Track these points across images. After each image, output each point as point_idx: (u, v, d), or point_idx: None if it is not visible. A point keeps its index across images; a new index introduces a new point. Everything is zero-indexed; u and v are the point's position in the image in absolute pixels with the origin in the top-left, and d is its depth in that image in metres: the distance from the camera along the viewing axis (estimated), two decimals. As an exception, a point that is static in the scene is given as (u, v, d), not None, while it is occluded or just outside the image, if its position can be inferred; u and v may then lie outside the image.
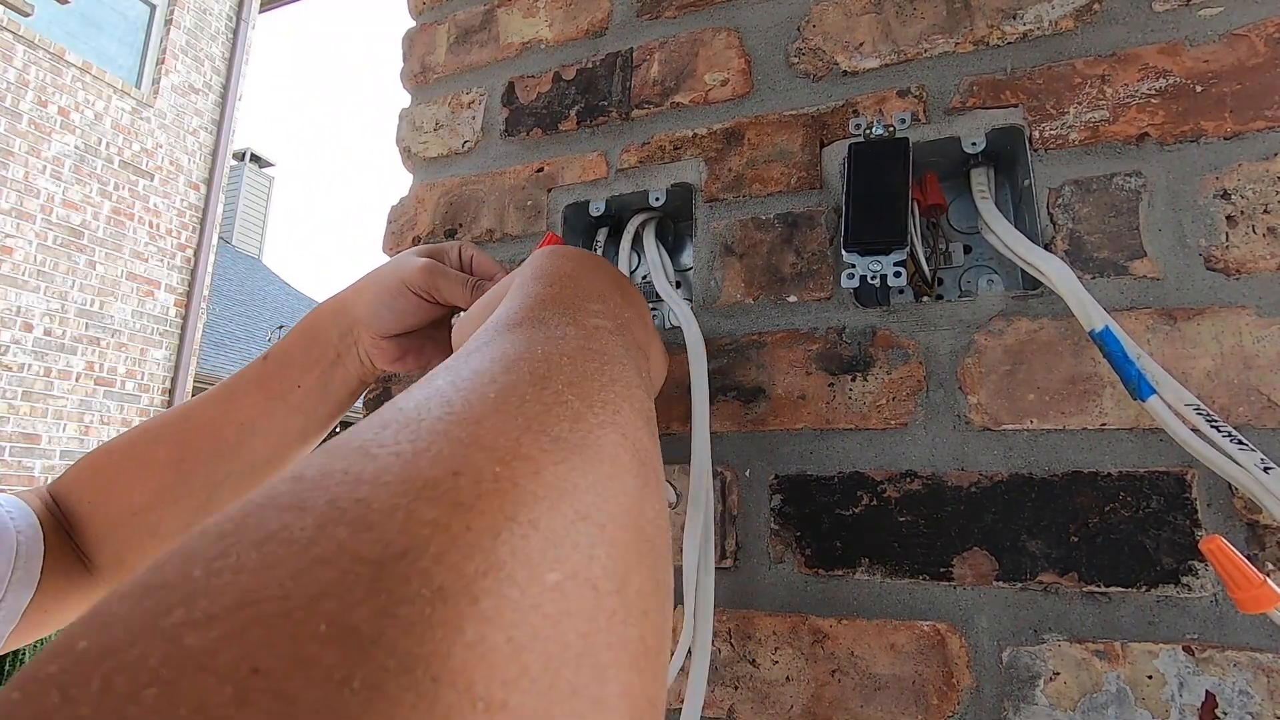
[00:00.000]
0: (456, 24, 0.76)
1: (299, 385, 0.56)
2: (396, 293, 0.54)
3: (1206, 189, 0.46)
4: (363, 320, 0.56)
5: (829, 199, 0.56)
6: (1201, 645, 0.40)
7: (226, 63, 6.84)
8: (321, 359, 0.57)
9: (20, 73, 5.32)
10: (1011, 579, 0.45)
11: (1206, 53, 0.48)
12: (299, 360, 0.57)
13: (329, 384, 0.57)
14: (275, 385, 0.56)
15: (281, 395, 0.56)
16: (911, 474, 0.48)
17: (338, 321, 0.57)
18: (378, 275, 0.56)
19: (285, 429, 0.57)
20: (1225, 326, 0.44)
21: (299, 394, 0.56)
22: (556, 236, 0.59)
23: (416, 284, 0.53)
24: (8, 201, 5.16)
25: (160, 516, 0.54)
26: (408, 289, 0.54)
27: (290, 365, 0.57)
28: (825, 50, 0.58)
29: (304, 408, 0.57)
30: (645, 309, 0.43)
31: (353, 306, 0.56)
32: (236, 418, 0.56)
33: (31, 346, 5.24)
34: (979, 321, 0.49)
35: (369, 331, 0.56)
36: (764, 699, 0.48)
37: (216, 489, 0.56)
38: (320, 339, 0.57)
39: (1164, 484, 0.43)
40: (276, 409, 0.56)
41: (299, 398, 0.56)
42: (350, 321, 0.56)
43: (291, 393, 0.56)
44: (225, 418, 0.56)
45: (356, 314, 0.56)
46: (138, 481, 0.54)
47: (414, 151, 0.75)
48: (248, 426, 0.56)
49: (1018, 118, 0.51)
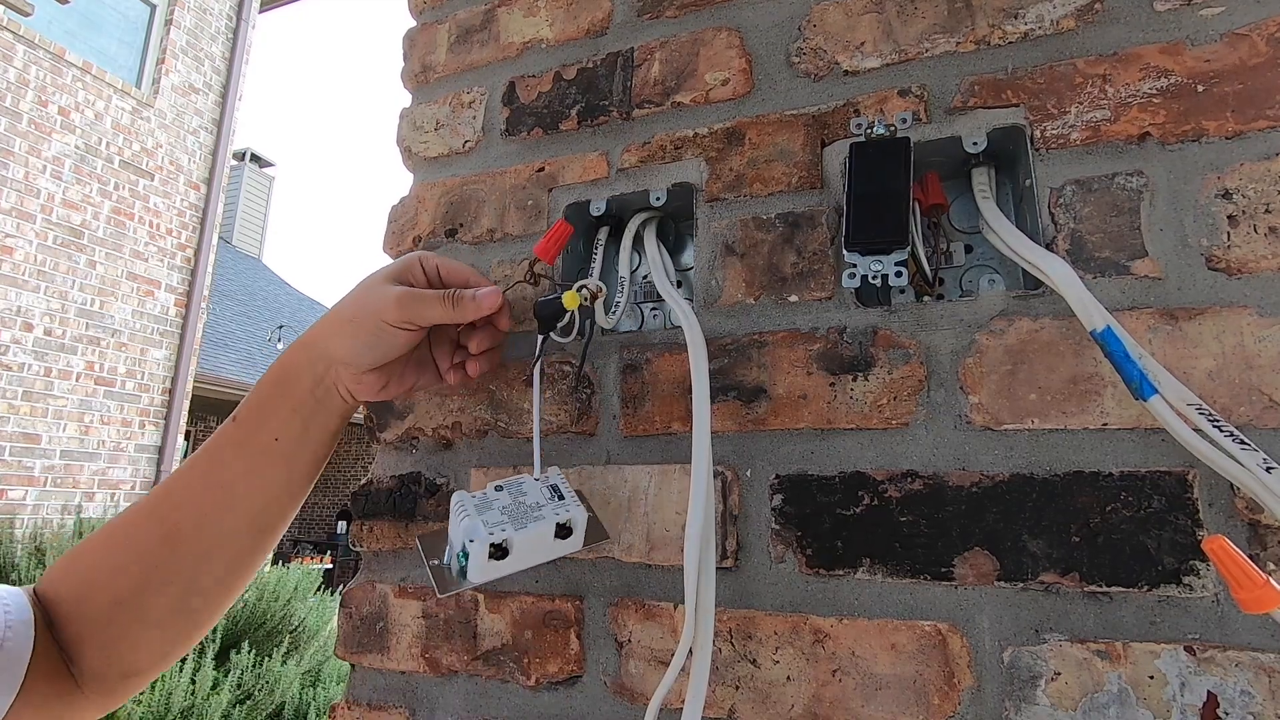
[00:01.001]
0: (457, 24, 0.76)
1: (276, 438, 0.56)
2: (375, 331, 0.54)
3: (1208, 188, 0.46)
4: (341, 360, 0.55)
5: (830, 199, 0.56)
6: (1203, 645, 0.40)
7: (226, 62, 6.84)
8: (299, 408, 0.56)
9: (20, 72, 5.32)
10: (1013, 579, 0.45)
11: (1208, 52, 0.48)
12: (273, 412, 0.56)
13: (308, 430, 0.57)
14: (253, 442, 0.56)
15: (261, 450, 0.56)
16: (913, 474, 0.48)
17: (312, 368, 0.56)
18: (350, 314, 0.55)
19: (269, 483, 0.56)
20: (1227, 326, 0.44)
21: (278, 446, 0.56)
22: (567, 224, 0.59)
23: (395, 319, 0.53)
24: (8, 201, 5.16)
25: (149, 601, 0.53)
26: (387, 325, 0.53)
27: (265, 419, 0.56)
28: (826, 50, 0.58)
29: (286, 458, 0.56)
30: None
31: (328, 349, 0.55)
32: (217, 481, 0.55)
33: (32, 346, 5.24)
34: (980, 321, 0.49)
35: (349, 370, 0.55)
36: (765, 699, 0.48)
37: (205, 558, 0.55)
38: (294, 388, 0.56)
39: (1166, 484, 0.43)
40: (257, 465, 0.56)
41: (280, 449, 0.56)
42: (326, 364, 0.56)
43: (270, 447, 0.56)
44: (206, 485, 0.55)
45: (334, 355, 0.55)
46: (120, 570, 0.53)
47: (414, 151, 0.75)
48: (230, 489, 0.55)
49: (1019, 117, 0.51)
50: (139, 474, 5.84)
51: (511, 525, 0.48)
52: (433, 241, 0.71)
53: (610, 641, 0.54)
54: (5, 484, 5.03)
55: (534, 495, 0.51)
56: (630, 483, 0.56)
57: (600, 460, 0.58)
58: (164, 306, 6.12)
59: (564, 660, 0.55)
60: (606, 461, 0.58)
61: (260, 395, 0.57)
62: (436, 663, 0.59)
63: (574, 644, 0.55)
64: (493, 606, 0.58)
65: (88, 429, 5.53)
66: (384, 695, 0.60)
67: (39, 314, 5.30)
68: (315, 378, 0.56)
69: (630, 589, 0.54)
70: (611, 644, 0.54)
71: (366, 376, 0.56)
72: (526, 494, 0.51)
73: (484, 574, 0.48)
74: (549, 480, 0.52)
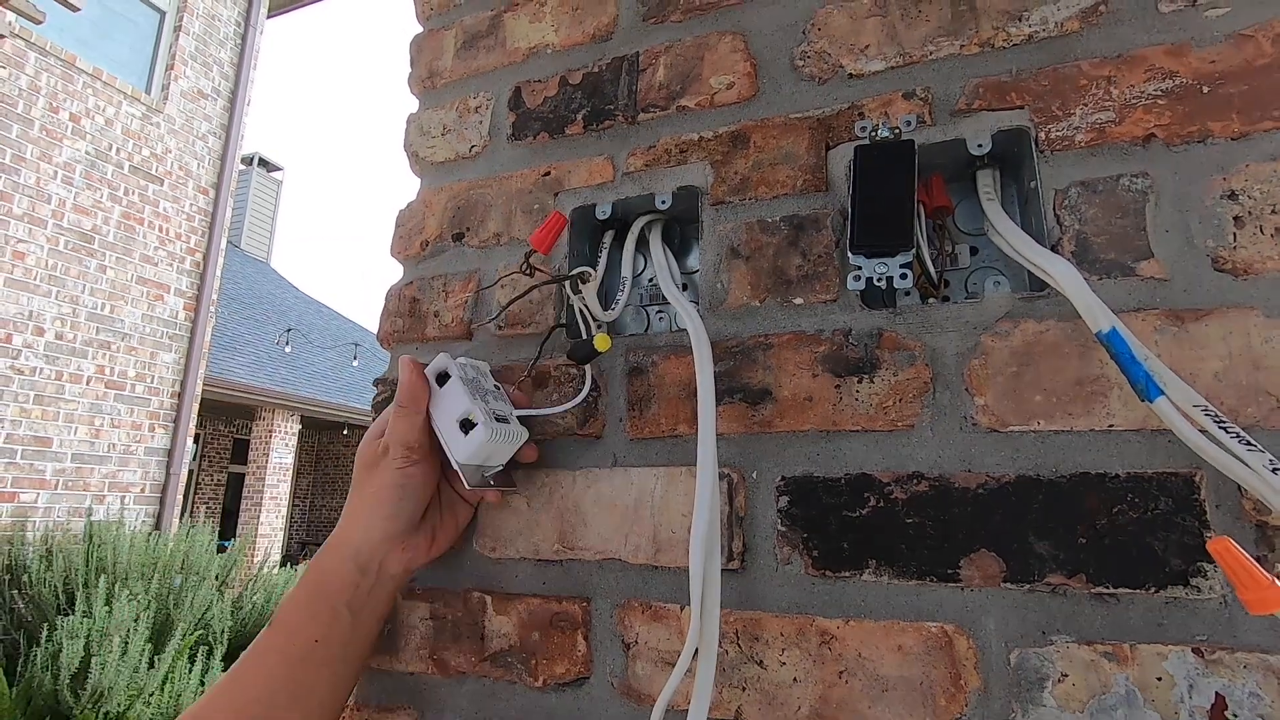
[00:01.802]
0: (464, 29, 0.77)
1: (316, 640, 0.54)
2: (390, 484, 0.55)
3: (1214, 190, 0.46)
4: (380, 537, 0.55)
5: (834, 201, 0.56)
6: (1211, 647, 0.40)
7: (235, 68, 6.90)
8: (343, 603, 0.55)
9: (32, 79, 5.38)
10: (1019, 580, 0.45)
11: (1213, 53, 0.48)
12: (313, 615, 0.54)
13: (358, 622, 0.55)
14: (292, 648, 0.54)
15: (302, 657, 0.53)
16: (918, 475, 0.48)
17: (356, 556, 0.55)
18: (360, 497, 0.56)
19: (312, 690, 0.53)
20: (1233, 327, 0.44)
21: (320, 648, 0.54)
22: (561, 216, 0.59)
23: (395, 458, 0.55)
24: (20, 207, 5.21)
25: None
26: (400, 469, 0.55)
27: (303, 623, 0.54)
28: (830, 53, 0.59)
29: (329, 661, 0.54)
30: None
31: (367, 538, 0.55)
32: (255, 694, 0.52)
33: (43, 350, 5.29)
34: (985, 323, 0.49)
35: (392, 543, 0.56)
36: (771, 700, 0.48)
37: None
38: (334, 586, 0.55)
39: (1172, 485, 0.43)
40: (298, 672, 0.53)
41: (322, 652, 0.54)
42: (368, 551, 0.55)
43: (312, 651, 0.54)
44: (243, 700, 0.52)
45: (371, 539, 0.55)
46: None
47: (422, 156, 0.75)
48: (267, 702, 0.52)
49: (1023, 119, 0.52)
50: (149, 477, 5.88)
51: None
52: (440, 246, 0.71)
53: (617, 643, 0.54)
54: (17, 487, 5.08)
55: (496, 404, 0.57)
56: (637, 485, 0.56)
57: (607, 463, 0.58)
58: (173, 310, 6.17)
59: (571, 661, 0.55)
60: (613, 464, 0.58)
61: (295, 602, 0.55)
62: (445, 664, 0.59)
63: (581, 645, 0.55)
64: (500, 608, 0.59)
65: (98, 432, 5.57)
66: (392, 696, 0.61)
67: (50, 318, 5.35)
68: (360, 568, 0.55)
69: (637, 590, 0.55)
70: (619, 645, 0.54)
71: (412, 542, 0.57)
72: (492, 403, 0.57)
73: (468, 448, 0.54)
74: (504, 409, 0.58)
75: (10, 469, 5.04)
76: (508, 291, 0.66)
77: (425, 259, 0.72)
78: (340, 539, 0.56)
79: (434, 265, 0.71)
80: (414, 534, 0.57)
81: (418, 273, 0.72)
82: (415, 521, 0.57)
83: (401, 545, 0.56)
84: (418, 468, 0.56)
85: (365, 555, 0.55)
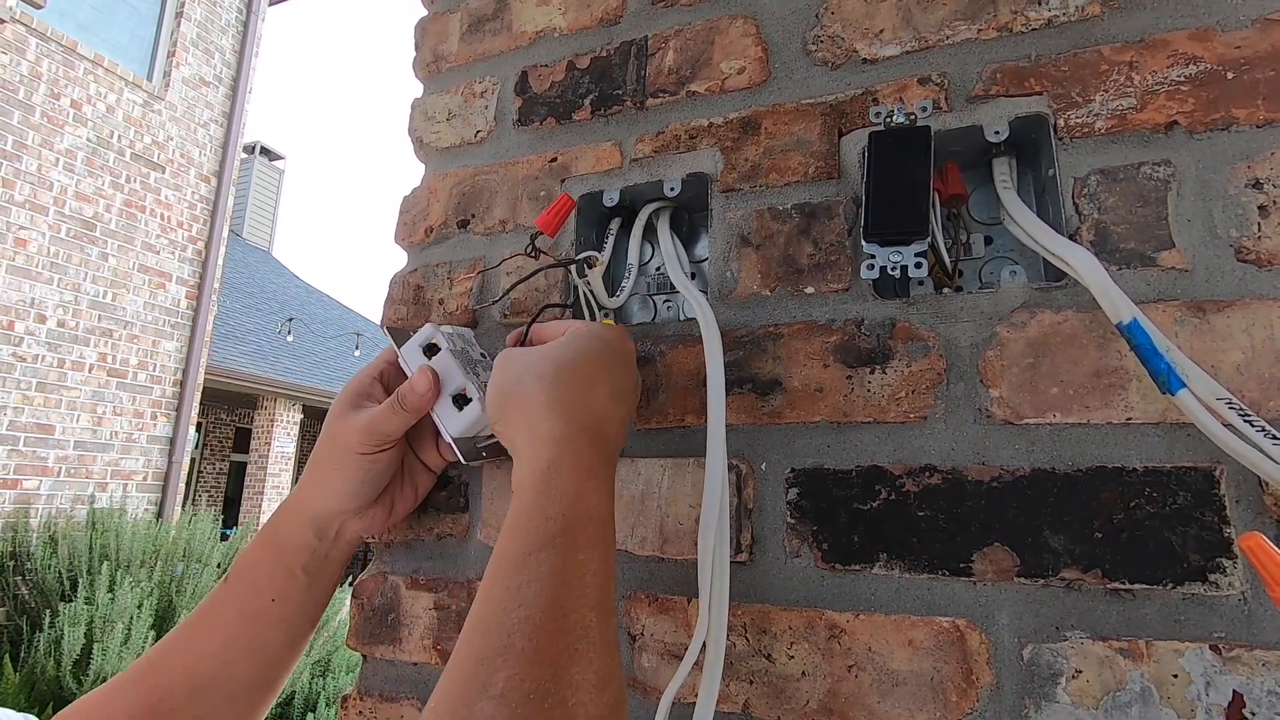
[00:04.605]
0: (469, 12, 0.76)
1: (273, 599, 0.55)
2: (356, 466, 0.54)
3: (1238, 178, 0.45)
4: (339, 509, 0.55)
5: (847, 189, 0.55)
6: (1229, 644, 0.40)
7: (237, 55, 6.85)
8: (305, 567, 0.55)
9: (33, 66, 5.35)
10: (1033, 575, 0.44)
11: (1238, 38, 0.47)
12: (269, 576, 0.55)
13: (315, 585, 0.56)
14: (249, 604, 0.54)
15: (259, 614, 0.54)
16: (931, 468, 0.48)
17: (312, 526, 0.55)
18: (329, 461, 0.55)
19: (268, 645, 0.54)
20: (1256, 319, 0.43)
21: (277, 607, 0.55)
22: (569, 199, 0.59)
23: (368, 446, 0.54)
24: (22, 194, 5.20)
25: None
26: (363, 455, 0.54)
27: (259, 582, 0.55)
28: (844, 38, 0.57)
29: (285, 618, 0.55)
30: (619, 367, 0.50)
31: (324, 506, 0.55)
32: (211, 648, 0.53)
33: (45, 338, 5.28)
34: (1001, 313, 0.48)
35: (349, 514, 0.56)
36: (779, 694, 0.48)
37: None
38: (293, 550, 0.55)
39: (1192, 479, 0.42)
40: (254, 628, 0.54)
41: (279, 610, 0.55)
42: (325, 518, 0.56)
43: (268, 609, 0.55)
44: (198, 653, 0.53)
45: (330, 508, 0.55)
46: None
47: (426, 141, 0.74)
48: (222, 655, 0.53)
49: (1042, 106, 0.50)
50: (150, 464, 5.89)
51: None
52: (444, 232, 0.70)
53: (623, 635, 0.53)
54: (20, 474, 5.09)
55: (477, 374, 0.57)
56: (644, 476, 0.56)
57: (613, 453, 0.58)
58: (175, 299, 6.16)
59: (576, 653, 0.54)
60: (620, 455, 0.57)
61: (252, 560, 0.56)
62: (449, 654, 0.59)
63: (586, 637, 0.54)
64: (505, 599, 0.58)
65: (100, 420, 5.58)
66: (396, 686, 0.60)
67: (52, 306, 5.34)
68: (317, 534, 0.55)
69: (643, 582, 0.54)
70: (625, 637, 0.53)
71: (370, 512, 0.57)
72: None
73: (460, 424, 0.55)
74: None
75: (13, 456, 5.05)
76: (513, 277, 0.65)
77: (430, 246, 0.71)
78: (299, 503, 0.56)
79: (439, 252, 0.70)
80: (373, 504, 0.57)
81: (422, 259, 0.71)
82: (376, 494, 0.57)
83: (359, 515, 0.57)
84: (387, 453, 0.56)
85: (322, 522, 0.56)
